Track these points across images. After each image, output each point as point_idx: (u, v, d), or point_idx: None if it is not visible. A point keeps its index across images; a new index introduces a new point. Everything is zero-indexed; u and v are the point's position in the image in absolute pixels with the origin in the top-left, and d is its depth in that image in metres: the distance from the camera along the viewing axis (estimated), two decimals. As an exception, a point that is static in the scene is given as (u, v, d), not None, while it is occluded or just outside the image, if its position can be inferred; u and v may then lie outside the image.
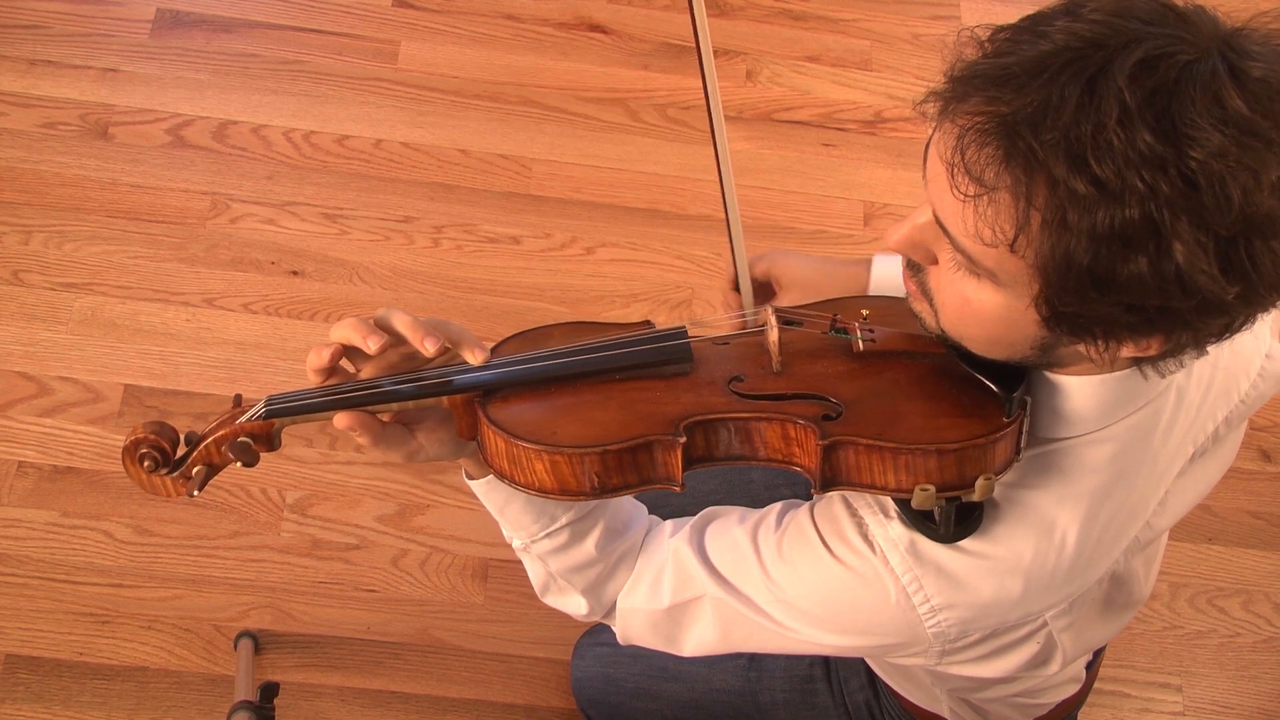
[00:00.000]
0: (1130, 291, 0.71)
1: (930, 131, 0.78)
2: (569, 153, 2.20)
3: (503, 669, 1.80)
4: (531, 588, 1.11)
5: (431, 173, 2.15)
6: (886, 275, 1.18)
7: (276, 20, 2.25)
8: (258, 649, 1.75)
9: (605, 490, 0.87)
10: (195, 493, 0.89)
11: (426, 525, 1.87)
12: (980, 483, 0.84)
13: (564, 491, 0.87)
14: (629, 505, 1.08)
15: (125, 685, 1.73)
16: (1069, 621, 1.00)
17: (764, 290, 1.23)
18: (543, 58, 2.28)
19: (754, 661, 1.41)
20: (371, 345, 0.87)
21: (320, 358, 0.89)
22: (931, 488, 0.84)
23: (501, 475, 0.89)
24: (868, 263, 1.20)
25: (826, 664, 1.37)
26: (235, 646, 1.74)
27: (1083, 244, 0.69)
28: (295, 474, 1.88)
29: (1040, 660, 1.03)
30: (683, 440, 0.85)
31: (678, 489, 0.87)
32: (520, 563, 1.03)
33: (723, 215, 1.09)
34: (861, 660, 1.33)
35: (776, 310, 0.95)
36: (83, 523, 1.82)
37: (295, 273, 2.03)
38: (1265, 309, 0.75)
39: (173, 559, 1.81)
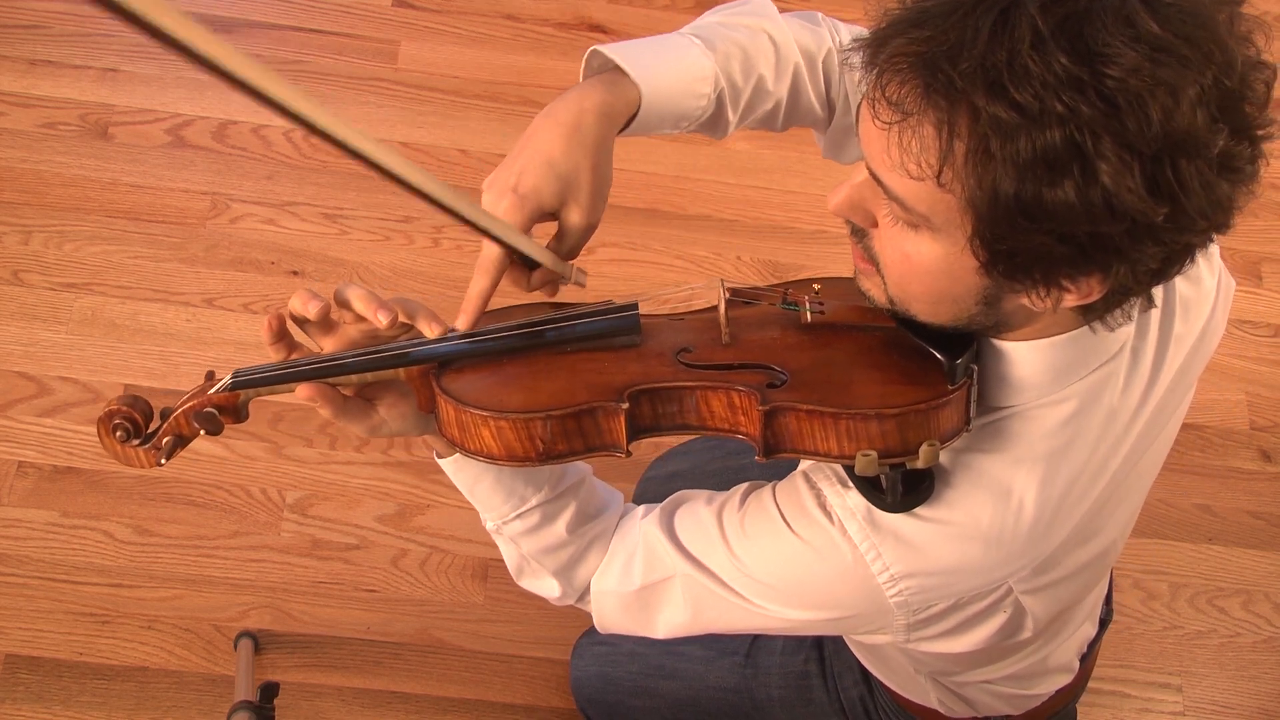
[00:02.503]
0: (1060, 218, 0.71)
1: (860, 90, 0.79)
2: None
3: (503, 669, 1.80)
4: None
5: (431, 173, 2.14)
6: (660, 86, 0.98)
7: (276, 20, 2.26)
8: (258, 649, 1.75)
9: (552, 456, 0.89)
10: (163, 462, 0.93)
11: (426, 525, 1.87)
12: (924, 449, 0.84)
13: (511, 457, 0.89)
14: (603, 490, 1.09)
15: (125, 685, 1.73)
16: (1035, 586, 1.00)
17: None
18: (543, 58, 2.28)
19: (750, 659, 1.41)
20: (311, 310, 0.90)
21: (267, 328, 0.93)
22: (874, 453, 0.84)
23: (453, 444, 0.92)
24: (606, 82, 0.98)
25: (821, 660, 1.37)
26: (235, 646, 1.74)
27: (1008, 172, 0.71)
28: (295, 474, 1.88)
29: (1011, 630, 1.03)
30: (625, 407, 0.87)
31: (623, 455, 0.89)
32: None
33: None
34: (855, 656, 1.33)
35: (730, 288, 0.97)
36: (83, 523, 1.82)
37: (295, 273, 2.03)
38: (1197, 236, 0.75)
39: (173, 559, 1.81)
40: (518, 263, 0.96)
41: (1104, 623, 1.30)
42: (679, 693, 1.44)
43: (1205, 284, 0.99)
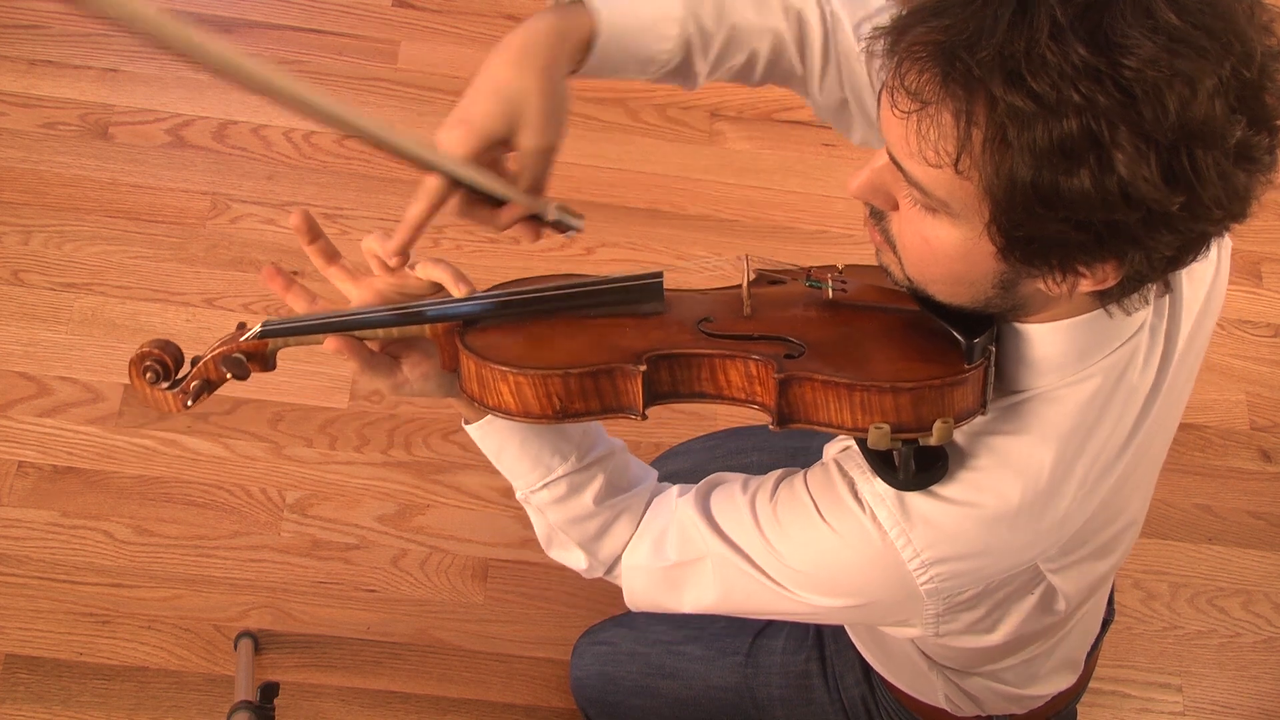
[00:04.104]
0: (1076, 206, 0.72)
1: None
2: (569, 153, 2.18)
3: (503, 669, 1.80)
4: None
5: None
6: (620, 20, 0.96)
7: (276, 20, 2.25)
8: (258, 649, 1.75)
9: (568, 414, 0.91)
10: (189, 404, 0.97)
11: (426, 525, 1.87)
12: (938, 426, 0.85)
13: (528, 414, 0.91)
14: (636, 467, 1.10)
15: (125, 685, 1.73)
16: (1062, 564, 1.00)
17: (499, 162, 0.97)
18: (543, 58, 2.28)
19: (750, 658, 1.41)
20: (298, 223, 0.96)
21: (268, 275, 0.99)
22: (886, 426, 0.85)
23: (473, 400, 0.94)
24: (562, 6, 0.95)
25: (822, 660, 1.37)
26: (235, 646, 1.74)
27: (1025, 160, 0.71)
28: (295, 474, 1.88)
29: (1045, 607, 1.03)
30: (643, 369, 0.89)
31: (639, 418, 0.91)
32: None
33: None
34: (857, 655, 1.33)
35: (757, 269, 1.00)
36: (83, 523, 1.82)
37: (295, 273, 2.02)
38: (1213, 225, 0.76)
39: (173, 559, 1.81)
40: (481, 200, 0.95)
41: (1105, 623, 1.30)
42: (680, 692, 1.44)
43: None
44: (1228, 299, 2.16)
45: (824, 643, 1.38)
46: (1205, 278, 0.99)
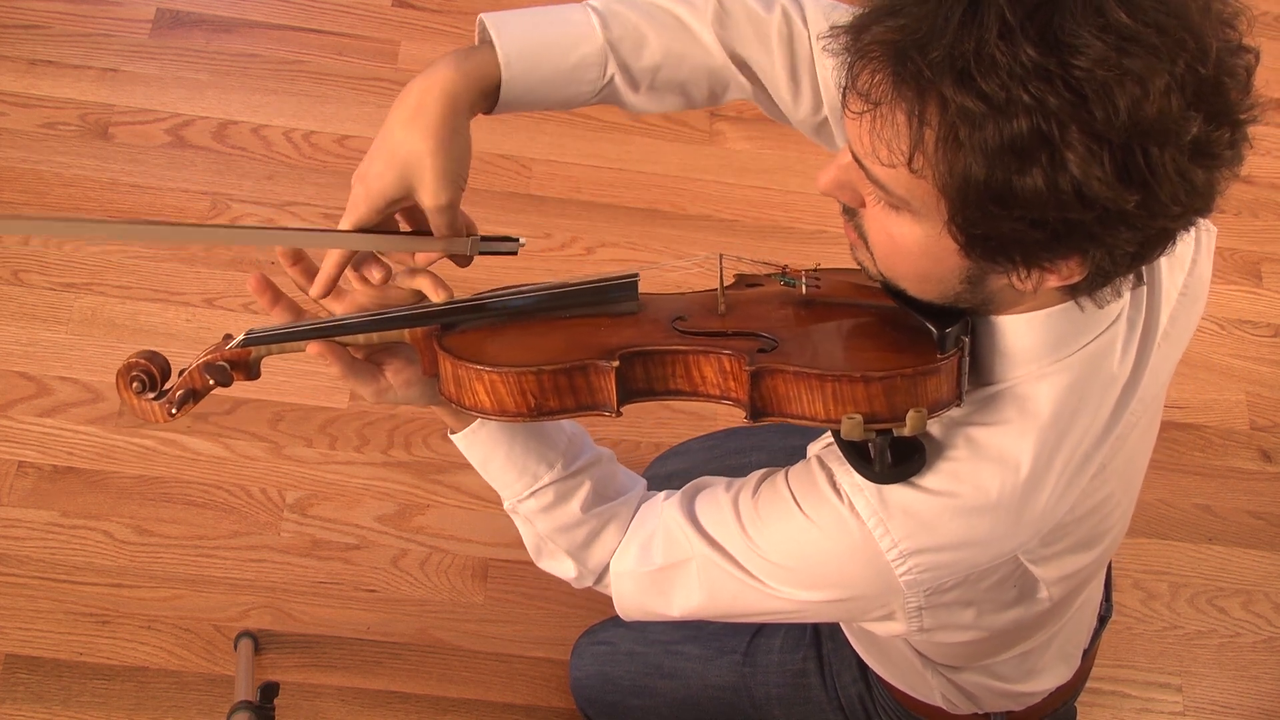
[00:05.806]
0: (1030, 205, 0.73)
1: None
2: (569, 153, 2.20)
3: (503, 669, 1.80)
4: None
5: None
6: (530, 68, 0.96)
7: (276, 20, 2.26)
8: (258, 649, 1.75)
9: (543, 412, 0.92)
10: (174, 413, 0.97)
11: (426, 525, 1.87)
12: (912, 416, 0.85)
13: (503, 412, 0.92)
14: (624, 475, 1.10)
15: (125, 685, 1.73)
16: (1043, 555, 1.00)
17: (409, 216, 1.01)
18: (543, 58, 2.28)
19: (748, 657, 1.41)
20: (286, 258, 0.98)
21: (252, 283, 0.98)
22: (859, 417, 0.85)
23: (450, 400, 0.95)
24: (471, 53, 0.95)
25: (819, 657, 1.38)
26: (235, 646, 1.74)
27: (977, 159, 0.72)
28: (295, 474, 1.88)
29: (1028, 601, 1.03)
30: (615, 365, 0.90)
31: (613, 415, 0.92)
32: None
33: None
34: (854, 654, 1.33)
35: (736, 273, 1.01)
36: (83, 523, 1.82)
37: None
38: (1174, 221, 0.76)
39: (173, 559, 1.81)
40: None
41: (1104, 619, 1.30)
42: (678, 692, 1.44)
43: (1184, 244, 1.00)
44: (1228, 299, 2.18)
45: (821, 642, 1.38)
46: (1184, 264, 0.99)
